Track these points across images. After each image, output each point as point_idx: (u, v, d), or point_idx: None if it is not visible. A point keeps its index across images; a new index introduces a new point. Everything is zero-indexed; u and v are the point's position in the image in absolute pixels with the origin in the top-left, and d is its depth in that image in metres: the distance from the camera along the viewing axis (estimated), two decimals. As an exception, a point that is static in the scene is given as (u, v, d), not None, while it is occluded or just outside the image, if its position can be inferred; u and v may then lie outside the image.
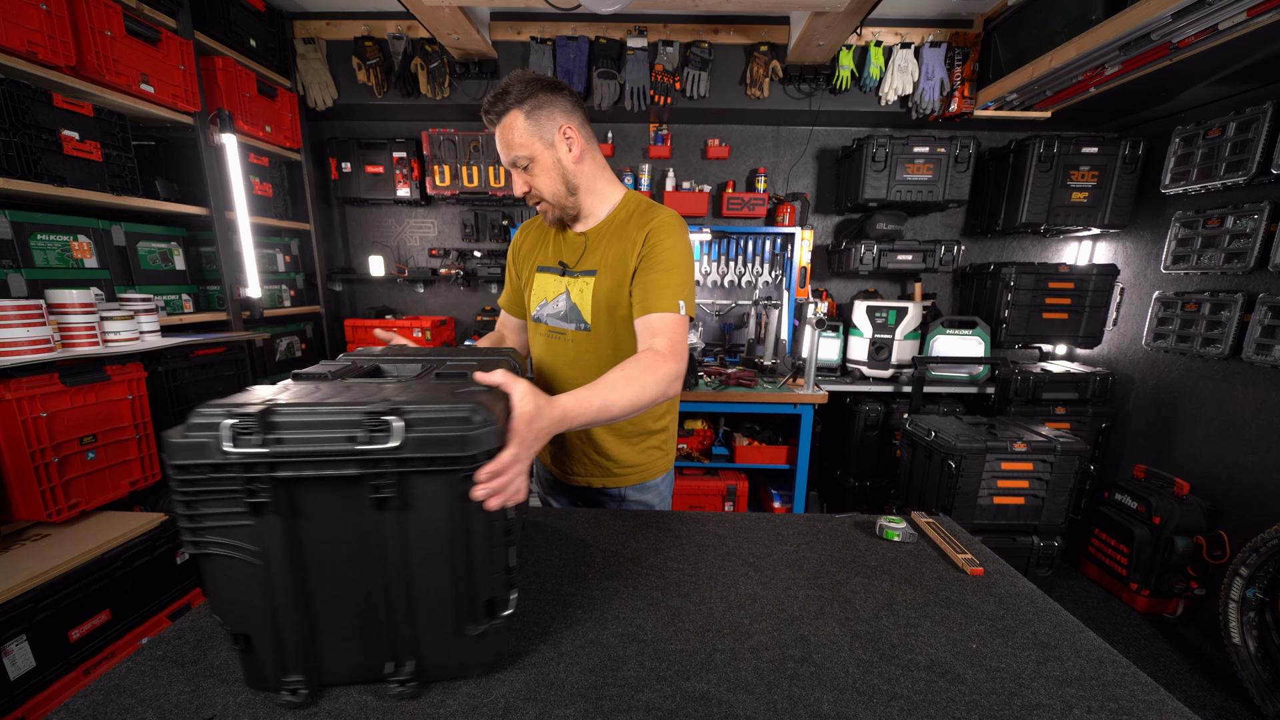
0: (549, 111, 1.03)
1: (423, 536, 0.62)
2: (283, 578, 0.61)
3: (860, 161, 2.71)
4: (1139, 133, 2.69)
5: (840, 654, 0.75)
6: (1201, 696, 1.91)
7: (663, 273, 1.05)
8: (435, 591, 0.64)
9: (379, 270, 3.12)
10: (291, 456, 0.57)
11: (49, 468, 1.47)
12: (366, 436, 0.57)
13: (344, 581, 0.63)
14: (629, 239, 1.09)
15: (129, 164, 1.82)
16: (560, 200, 1.10)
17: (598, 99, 2.61)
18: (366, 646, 0.65)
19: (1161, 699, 0.67)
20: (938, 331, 2.76)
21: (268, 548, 0.60)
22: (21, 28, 1.48)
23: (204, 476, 0.57)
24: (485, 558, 0.64)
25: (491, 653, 0.69)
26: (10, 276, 1.56)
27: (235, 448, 0.56)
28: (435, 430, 0.58)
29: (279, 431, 0.57)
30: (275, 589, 0.61)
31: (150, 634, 1.62)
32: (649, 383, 0.92)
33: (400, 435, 0.57)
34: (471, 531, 0.62)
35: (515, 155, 1.04)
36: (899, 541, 1.07)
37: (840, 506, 2.99)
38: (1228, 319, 2.19)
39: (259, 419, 0.56)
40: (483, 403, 0.61)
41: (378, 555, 0.62)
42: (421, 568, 0.63)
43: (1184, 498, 2.31)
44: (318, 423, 0.58)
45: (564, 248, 1.19)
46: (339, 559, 0.62)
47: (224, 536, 0.60)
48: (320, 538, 0.62)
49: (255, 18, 2.39)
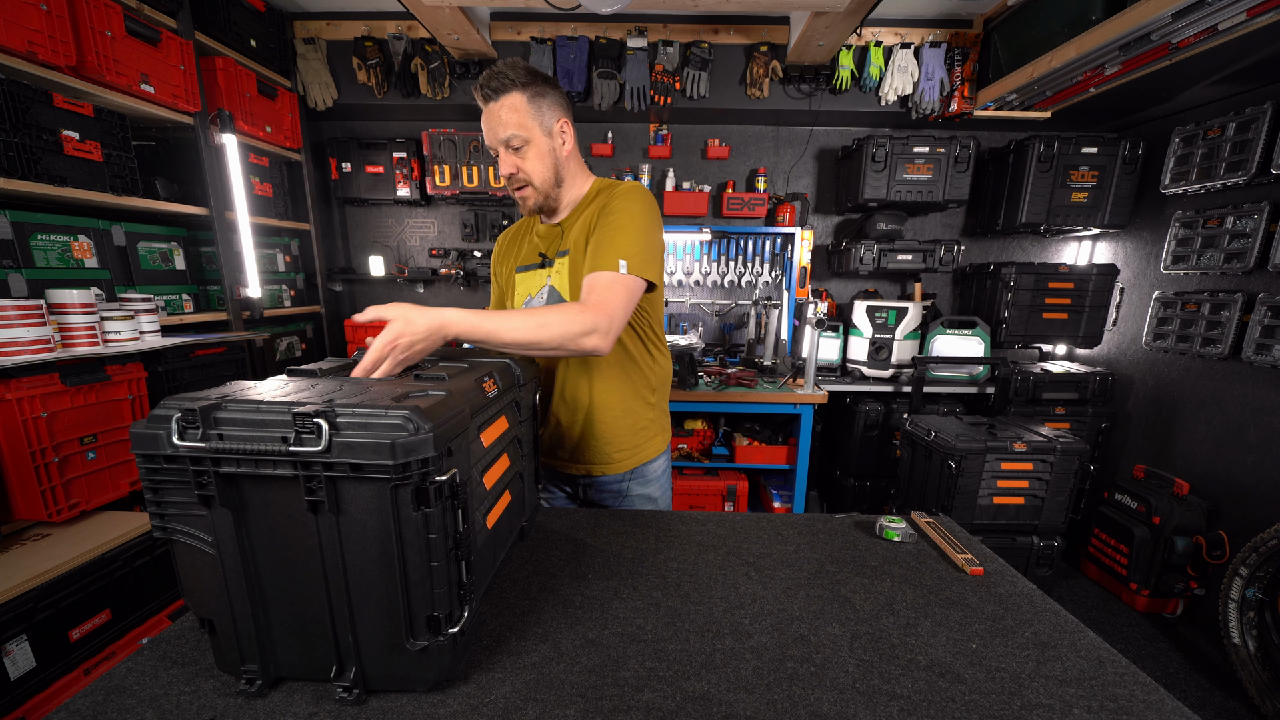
0: (551, 102, 1.07)
1: (358, 544, 0.61)
2: (235, 570, 0.62)
3: (860, 161, 2.71)
4: (1139, 133, 2.69)
5: (840, 654, 0.75)
6: (1201, 696, 1.91)
7: (608, 232, 1.05)
8: (372, 601, 0.62)
9: (379, 270, 3.12)
10: (230, 453, 0.57)
11: (49, 468, 1.47)
12: (295, 437, 0.57)
13: (292, 579, 0.63)
14: (593, 214, 1.11)
15: (129, 164, 1.82)
16: (547, 188, 1.13)
17: (598, 99, 2.61)
18: (315, 646, 0.65)
19: (1161, 699, 0.67)
20: (938, 331, 2.76)
21: (220, 539, 0.61)
22: (22, 28, 1.48)
23: (159, 466, 0.59)
24: (422, 571, 0.61)
25: (435, 670, 0.65)
26: (10, 276, 1.56)
27: (181, 440, 0.57)
28: (364, 435, 0.57)
29: (221, 427, 0.58)
30: (230, 579, 0.62)
31: (150, 634, 1.62)
32: (551, 323, 0.93)
33: (326, 439, 0.56)
34: (405, 542, 0.60)
35: (511, 134, 1.05)
36: (899, 541, 1.07)
37: (840, 506, 2.99)
38: (1227, 319, 2.19)
39: (201, 414, 0.57)
40: (422, 409, 0.59)
41: (318, 558, 0.61)
42: (357, 575, 0.62)
43: (1184, 498, 2.32)
44: (255, 420, 0.58)
45: (540, 242, 1.22)
46: (286, 557, 0.62)
47: (184, 525, 0.61)
48: (267, 534, 0.62)
49: (255, 18, 2.39)
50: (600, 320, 0.97)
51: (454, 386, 0.71)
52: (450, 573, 0.64)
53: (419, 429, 0.57)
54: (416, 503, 0.59)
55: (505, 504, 0.89)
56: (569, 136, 1.11)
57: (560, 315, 0.95)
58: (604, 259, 1.03)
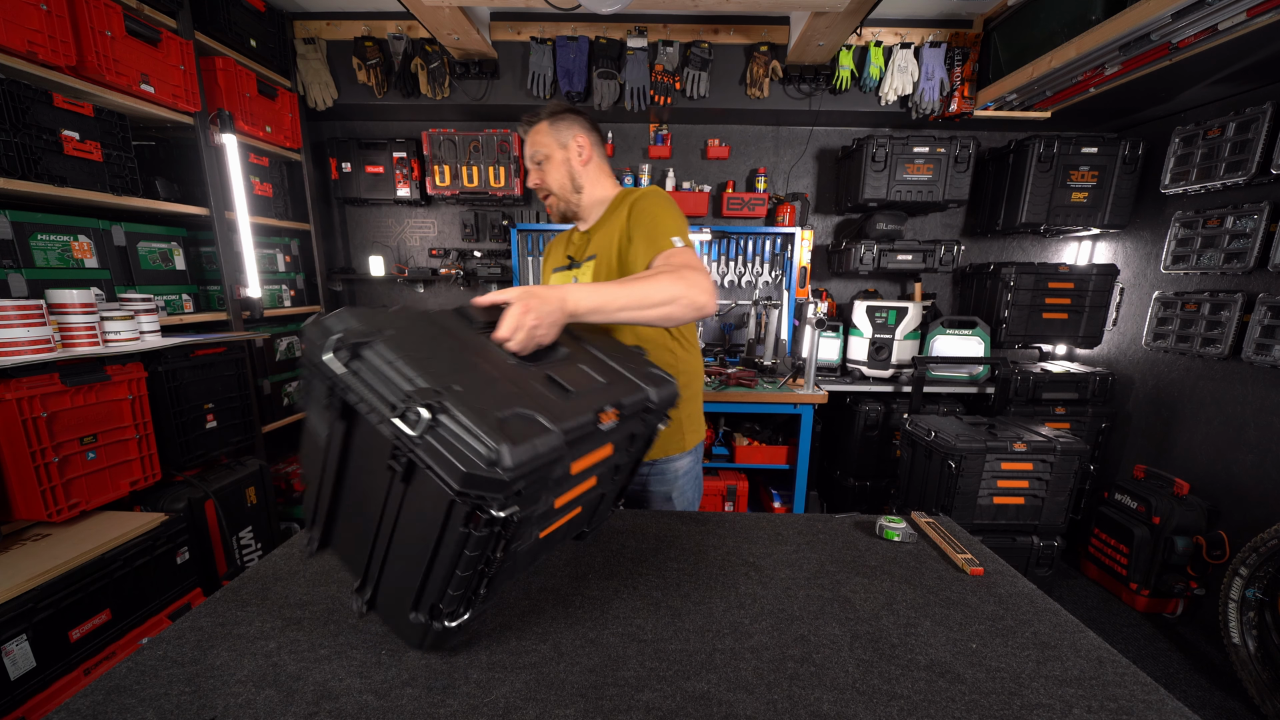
0: (568, 124, 1.25)
1: (410, 516, 0.65)
2: (332, 462, 0.70)
3: (860, 161, 2.71)
4: (1139, 133, 2.69)
5: (840, 654, 0.75)
6: (1201, 696, 1.91)
7: (649, 221, 1.15)
8: (401, 561, 0.69)
9: (379, 270, 3.12)
10: (357, 389, 0.63)
11: (49, 468, 1.47)
12: (400, 411, 0.60)
13: (361, 499, 0.71)
14: (618, 220, 1.21)
15: (129, 164, 1.82)
16: (566, 194, 1.28)
17: (598, 99, 2.61)
18: (356, 554, 0.73)
19: (1161, 699, 0.67)
20: (938, 331, 2.76)
21: (331, 437, 0.69)
22: (22, 28, 1.48)
23: (309, 366, 0.69)
24: (446, 572, 0.65)
25: (426, 641, 0.72)
26: (10, 276, 1.56)
27: (326, 356, 0.64)
28: (450, 445, 0.58)
29: (360, 364, 0.64)
30: (326, 467, 0.71)
31: (150, 634, 1.62)
32: (661, 282, 0.98)
33: (422, 428, 0.59)
34: (443, 543, 0.63)
35: (534, 151, 1.26)
36: (899, 541, 1.07)
37: (840, 506, 2.99)
38: (1227, 319, 2.19)
39: (350, 347, 0.64)
40: (514, 445, 0.58)
41: (381, 501, 0.67)
42: (400, 535, 0.67)
43: (1184, 498, 2.31)
44: (385, 376, 0.63)
45: (571, 247, 1.35)
46: (363, 481, 0.70)
47: (314, 409, 0.71)
48: (360, 457, 0.69)
49: (255, 18, 2.39)
50: (704, 274, 1.04)
51: (568, 411, 0.69)
52: (470, 584, 0.67)
53: (495, 467, 0.57)
54: (466, 521, 0.61)
55: (570, 518, 0.86)
56: (585, 150, 1.25)
57: (663, 275, 0.99)
58: (660, 241, 1.11)
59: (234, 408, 2.12)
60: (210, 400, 2.01)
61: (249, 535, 2.09)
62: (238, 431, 2.14)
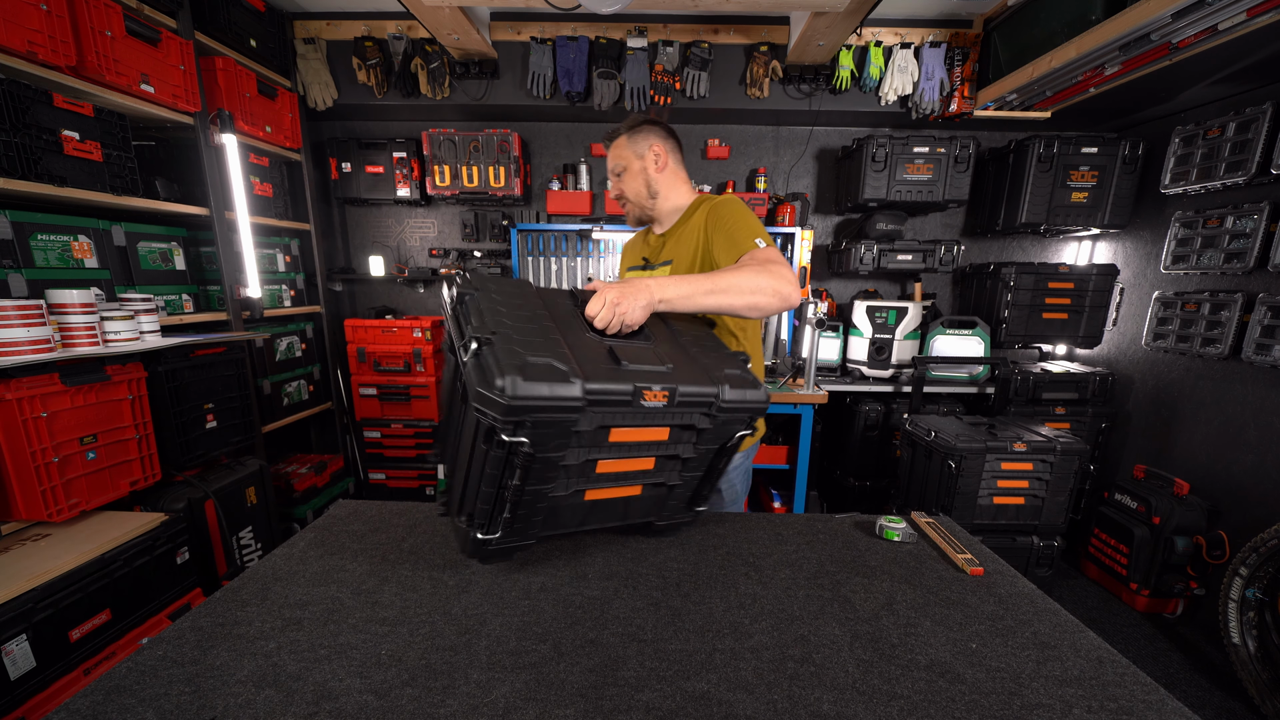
0: (645, 134, 1.32)
1: (466, 434, 0.80)
2: (446, 391, 0.92)
3: (860, 161, 2.71)
4: (1139, 133, 2.69)
5: (840, 654, 0.75)
6: (1201, 696, 1.91)
7: (730, 226, 1.20)
8: (461, 471, 0.84)
9: (379, 270, 3.12)
10: (449, 325, 0.88)
11: (49, 468, 1.47)
12: (464, 342, 0.77)
13: (455, 420, 0.88)
14: (696, 226, 1.27)
15: (129, 164, 1.82)
16: (641, 200, 1.35)
17: (598, 99, 2.61)
18: (449, 465, 0.91)
19: (1161, 699, 0.67)
20: (938, 331, 2.76)
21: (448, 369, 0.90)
22: (22, 28, 1.48)
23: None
24: (475, 483, 0.80)
25: (463, 544, 0.89)
26: (10, 276, 1.56)
27: (446, 294, 0.89)
28: (484, 370, 0.73)
29: (462, 307, 0.85)
30: (451, 395, 0.90)
31: (150, 634, 1.62)
32: (748, 273, 1.04)
33: (469, 356, 0.75)
34: (474, 456, 0.78)
35: (615, 164, 1.34)
36: (899, 541, 1.07)
37: (840, 506, 2.99)
38: (1227, 319, 2.19)
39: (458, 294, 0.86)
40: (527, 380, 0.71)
41: (460, 423, 0.83)
42: (462, 444, 0.83)
43: (1184, 498, 2.31)
44: (469, 319, 0.82)
45: (647, 249, 1.43)
46: (457, 407, 0.86)
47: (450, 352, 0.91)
48: (453, 372, 0.87)
49: (255, 18, 2.38)
50: (789, 268, 1.09)
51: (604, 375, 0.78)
52: (495, 500, 0.79)
53: (504, 394, 0.68)
54: (487, 439, 0.73)
55: (623, 494, 0.93)
56: (663, 156, 1.32)
57: (752, 268, 1.05)
58: (744, 243, 1.15)
59: (234, 408, 2.12)
60: (210, 400, 2.01)
61: (249, 535, 2.09)
62: (238, 431, 2.14)
